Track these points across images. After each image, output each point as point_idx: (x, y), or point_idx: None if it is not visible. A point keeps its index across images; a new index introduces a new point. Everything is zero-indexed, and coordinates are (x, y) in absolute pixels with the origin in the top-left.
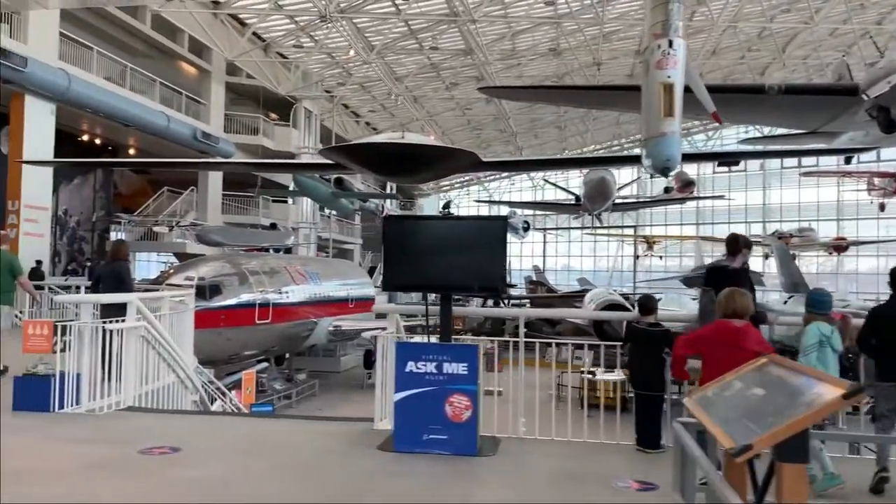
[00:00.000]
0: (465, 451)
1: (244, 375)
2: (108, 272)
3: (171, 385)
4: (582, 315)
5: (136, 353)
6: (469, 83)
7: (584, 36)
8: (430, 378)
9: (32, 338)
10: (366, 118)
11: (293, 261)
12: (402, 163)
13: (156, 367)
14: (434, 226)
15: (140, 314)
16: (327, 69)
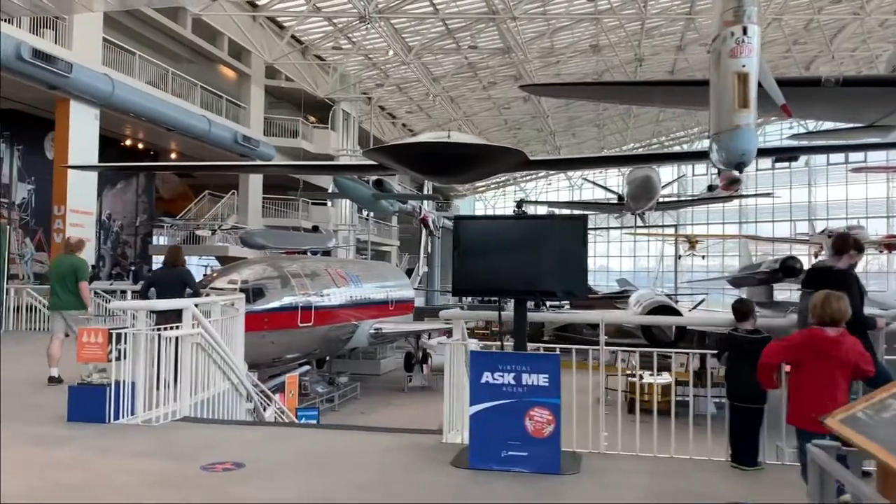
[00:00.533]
0: (547, 469)
1: (287, 379)
2: (169, 277)
3: (226, 392)
4: (666, 322)
5: (192, 361)
6: (506, 82)
7: (626, 32)
8: (508, 390)
9: (87, 346)
10: (402, 119)
11: (333, 263)
12: (448, 162)
13: (211, 374)
14: (509, 226)
15: (195, 320)
16: (365, 71)
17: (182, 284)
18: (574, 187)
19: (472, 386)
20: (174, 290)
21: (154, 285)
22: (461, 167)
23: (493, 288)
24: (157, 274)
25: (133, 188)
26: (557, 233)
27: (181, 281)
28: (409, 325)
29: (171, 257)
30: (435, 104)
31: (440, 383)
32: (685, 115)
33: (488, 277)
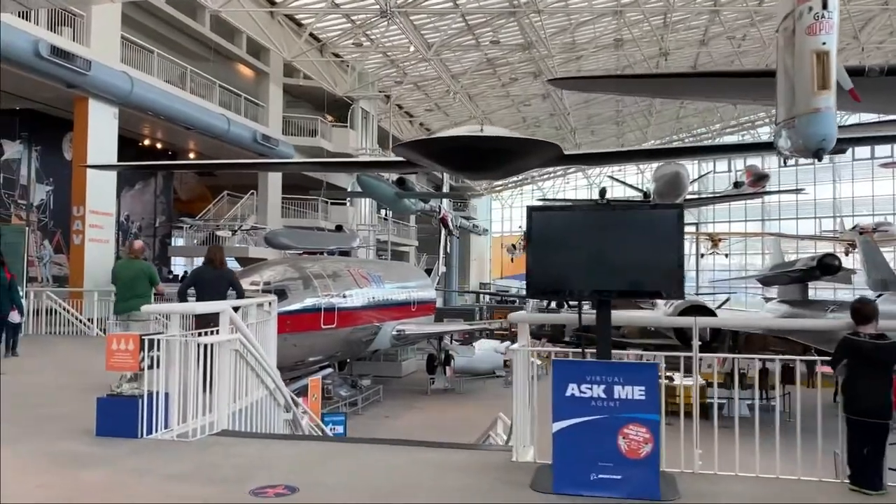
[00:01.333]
0: (645, 494)
1: (310, 382)
2: (211, 277)
3: (262, 401)
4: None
5: (230, 369)
6: (526, 79)
7: (651, 25)
8: (597, 404)
9: (117, 354)
10: (420, 118)
11: (354, 263)
12: (481, 157)
13: (248, 381)
14: (591, 217)
15: (233, 324)
16: (383, 69)
17: (226, 285)
18: (592, 185)
19: (555, 400)
20: (217, 292)
21: (195, 286)
22: (494, 162)
23: (573, 287)
24: (198, 273)
25: (151, 189)
26: (649, 223)
27: (225, 281)
28: (431, 327)
29: (214, 256)
30: (454, 102)
31: (463, 385)
32: (706, 111)
33: (567, 275)
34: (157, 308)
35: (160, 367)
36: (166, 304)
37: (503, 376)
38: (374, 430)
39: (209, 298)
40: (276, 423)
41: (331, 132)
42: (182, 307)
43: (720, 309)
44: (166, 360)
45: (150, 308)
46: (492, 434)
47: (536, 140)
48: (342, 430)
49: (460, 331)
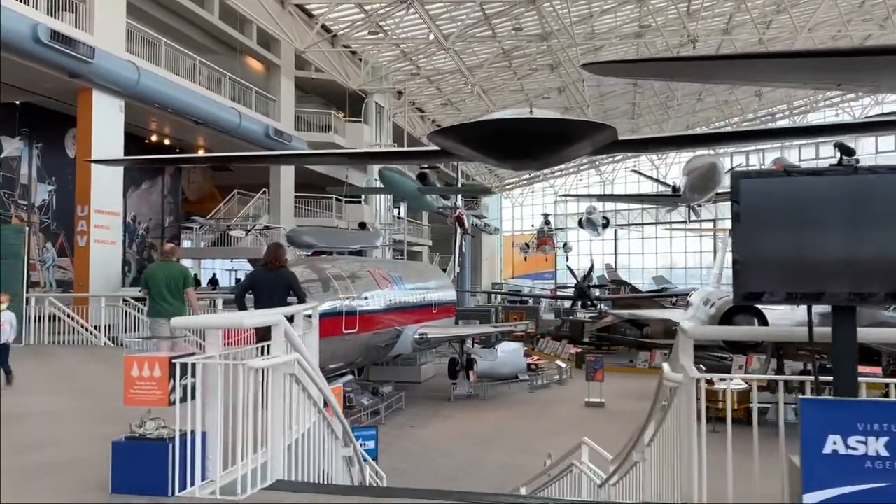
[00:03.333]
0: None
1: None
2: (270, 280)
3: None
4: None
5: (284, 399)
6: (542, 72)
7: (678, 11)
8: (878, 466)
9: (138, 383)
10: (431, 115)
11: (373, 264)
12: (530, 143)
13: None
14: (841, 186)
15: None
16: (395, 62)
17: (285, 289)
18: (605, 182)
19: (806, 457)
20: (275, 297)
21: (252, 290)
22: (544, 148)
23: (810, 287)
24: (255, 276)
25: (158, 188)
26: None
27: (284, 284)
28: (454, 330)
29: (273, 256)
30: (467, 97)
31: (487, 391)
32: (725, 104)
33: (805, 270)
34: (192, 322)
35: (196, 399)
36: (203, 316)
37: (527, 380)
38: (401, 442)
39: (266, 304)
40: (333, 459)
41: (344, 127)
42: (222, 319)
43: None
44: (204, 390)
45: (183, 322)
46: (575, 463)
47: (593, 122)
48: (373, 446)
49: (485, 334)
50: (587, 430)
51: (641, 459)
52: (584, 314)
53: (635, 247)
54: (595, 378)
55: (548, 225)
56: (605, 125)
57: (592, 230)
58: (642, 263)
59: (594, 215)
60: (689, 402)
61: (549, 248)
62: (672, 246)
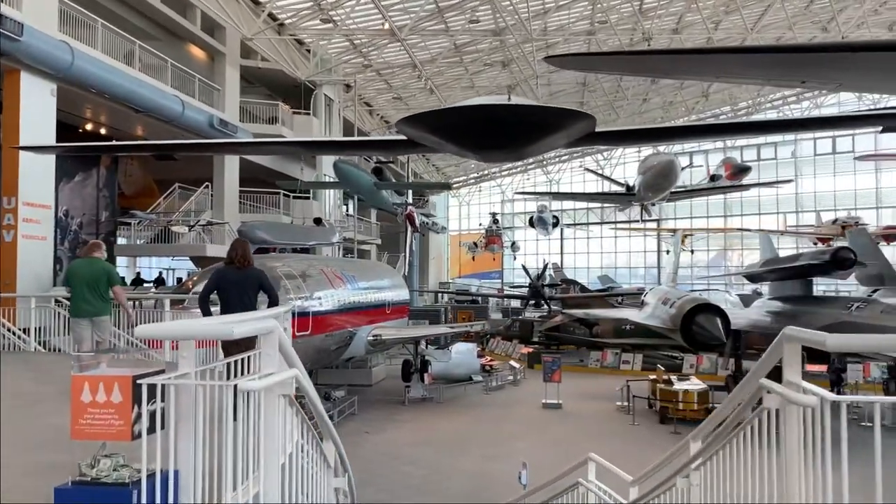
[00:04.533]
0: None
1: None
2: (239, 280)
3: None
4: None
5: (280, 426)
6: (494, 68)
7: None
8: None
9: (92, 411)
10: (379, 110)
11: (328, 262)
12: (506, 132)
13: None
14: None
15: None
16: (345, 54)
17: (255, 288)
18: (552, 182)
19: None
20: (246, 298)
21: (218, 290)
22: (520, 138)
23: None
24: (222, 275)
25: (93, 181)
26: None
27: (254, 283)
28: (409, 331)
29: (242, 253)
30: (420, 91)
31: (442, 394)
32: (670, 105)
33: None
34: (163, 330)
35: (165, 429)
36: (178, 323)
37: (482, 382)
38: (359, 450)
39: (237, 305)
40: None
41: (292, 120)
42: (203, 327)
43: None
44: (177, 417)
45: (149, 331)
46: (581, 481)
47: (574, 111)
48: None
49: (443, 335)
50: (549, 432)
51: (687, 486)
52: (534, 313)
53: (580, 246)
54: (552, 379)
55: (496, 224)
56: (586, 114)
57: (543, 229)
58: (588, 263)
59: (545, 214)
60: (823, 427)
61: (498, 247)
62: (617, 245)
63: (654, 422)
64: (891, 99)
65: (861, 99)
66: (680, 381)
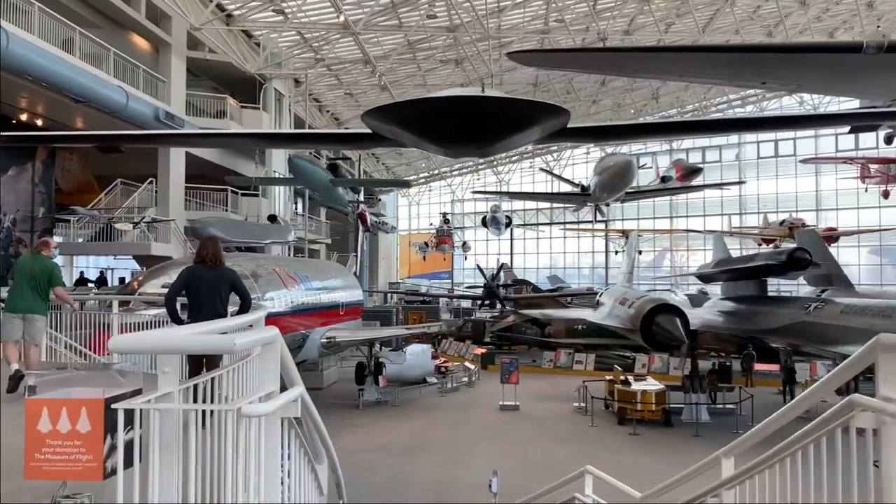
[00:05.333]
0: None
1: None
2: (210, 280)
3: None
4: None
5: (279, 454)
6: (447, 66)
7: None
8: None
9: (52, 443)
10: (328, 106)
11: (280, 262)
12: (478, 126)
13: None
14: None
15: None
16: (295, 48)
17: (227, 289)
18: (502, 182)
19: None
20: (218, 299)
21: (187, 291)
22: (492, 132)
23: None
24: (192, 274)
25: (28, 176)
26: None
27: (225, 284)
28: (364, 333)
29: (213, 252)
30: (371, 88)
31: (396, 396)
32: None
33: None
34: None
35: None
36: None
37: (437, 384)
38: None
39: (207, 308)
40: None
41: (241, 114)
42: (195, 341)
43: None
44: (159, 448)
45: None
46: (578, 496)
47: (550, 104)
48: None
49: (399, 336)
50: (508, 435)
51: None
52: (486, 314)
53: (529, 247)
54: (510, 381)
55: (447, 224)
56: (561, 108)
57: (496, 229)
58: (537, 263)
59: (499, 214)
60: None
61: (449, 247)
62: (565, 246)
63: (612, 423)
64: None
65: (802, 103)
66: (637, 382)
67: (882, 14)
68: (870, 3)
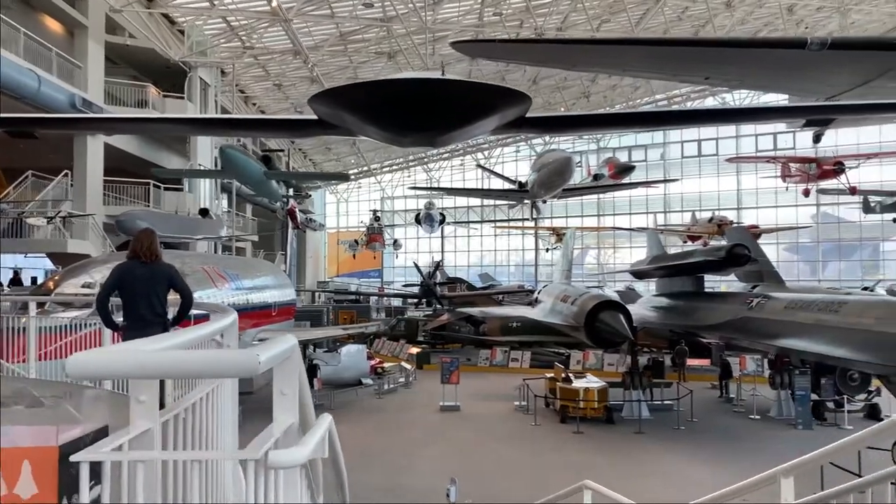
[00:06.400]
0: None
1: None
2: (146, 277)
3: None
4: None
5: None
6: (379, 59)
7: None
8: None
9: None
10: (256, 99)
11: (207, 260)
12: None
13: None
14: None
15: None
16: (221, 36)
17: (165, 287)
18: (433, 180)
19: None
20: (155, 298)
21: (120, 290)
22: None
23: None
24: (125, 271)
25: None
26: None
27: (163, 281)
28: (299, 334)
29: (148, 246)
30: (300, 81)
31: (332, 399)
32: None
33: None
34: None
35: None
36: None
37: (373, 385)
38: None
39: (144, 307)
40: None
41: (163, 104)
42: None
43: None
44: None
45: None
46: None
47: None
48: None
49: (336, 337)
50: (453, 437)
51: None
52: (419, 312)
53: (460, 244)
54: (451, 381)
55: (378, 221)
56: (524, 94)
57: (429, 226)
58: (468, 261)
59: (433, 211)
60: None
61: (380, 245)
62: (496, 243)
63: (554, 421)
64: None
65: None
66: (578, 379)
67: (801, 18)
68: (790, 7)
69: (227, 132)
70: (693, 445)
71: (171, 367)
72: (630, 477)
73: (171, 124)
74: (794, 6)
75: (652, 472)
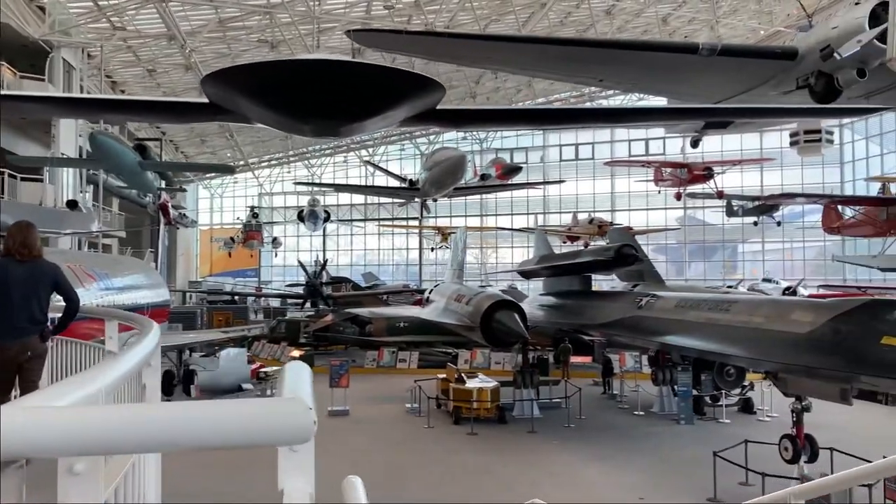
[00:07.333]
0: None
1: None
2: (25, 277)
3: None
4: None
5: None
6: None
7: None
8: None
9: None
10: (126, 86)
11: (72, 257)
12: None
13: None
14: None
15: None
16: (87, 15)
17: (48, 288)
18: (315, 176)
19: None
20: (35, 300)
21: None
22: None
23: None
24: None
25: None
26: None
27: (48, 282)
28: (175, 337)
29: (23, 241)
30: (174, 68)
31: None
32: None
33: None
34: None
35: None
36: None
37: (254, 391)
38: None
39: (22, 310)
40: None
41: (20, 85)
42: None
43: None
44: None
45: (39, 432)
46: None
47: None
48: None
49: (217, 341)
50: (344, 443)
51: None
52: (301, 313)
53: (343, 243)
54: (340, 384)
55: (256, 218)
56: (438, 83)
57: (313, 224)
58: (350, 260)
59: (317, 208)
60: None
61: (258, 242)
62: (380, 242)
63: (447, 423)
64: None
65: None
66: (471, 380)
67: (675, 28)
68: (665, 18)
69: (102, 114)
70: (584, 443)
71: (190, 432)
72: (528, 479)
73: (34, 103)
74: (668, 17)
75: (549, 474)
